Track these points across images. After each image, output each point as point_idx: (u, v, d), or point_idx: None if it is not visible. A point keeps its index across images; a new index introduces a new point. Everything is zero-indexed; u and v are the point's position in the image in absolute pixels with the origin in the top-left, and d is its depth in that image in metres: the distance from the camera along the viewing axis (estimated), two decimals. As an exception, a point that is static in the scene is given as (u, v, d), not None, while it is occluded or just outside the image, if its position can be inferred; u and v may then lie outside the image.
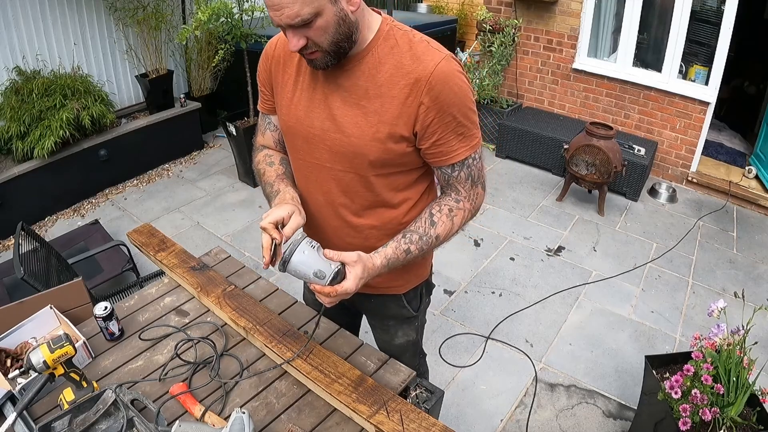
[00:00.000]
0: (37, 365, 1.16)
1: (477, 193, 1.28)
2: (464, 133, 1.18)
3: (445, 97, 1.11)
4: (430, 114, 1.13)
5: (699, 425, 1.68)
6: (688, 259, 3.49)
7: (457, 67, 1.14)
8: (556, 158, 4.48)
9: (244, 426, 1.15)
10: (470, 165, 1.23)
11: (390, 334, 1.62)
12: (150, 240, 1.88)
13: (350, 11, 1.06)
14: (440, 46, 1.16)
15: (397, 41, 1.13)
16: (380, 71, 1.13)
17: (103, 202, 4.19)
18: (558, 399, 2.46)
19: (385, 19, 1.16)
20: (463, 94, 1.14)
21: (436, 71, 1.09)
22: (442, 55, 1.12)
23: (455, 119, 1.14)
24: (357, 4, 1.06)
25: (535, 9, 4.70)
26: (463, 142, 1.19)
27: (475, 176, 1.25)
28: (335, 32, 1.05)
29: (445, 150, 1.19)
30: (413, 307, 1.54)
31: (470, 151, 1.21)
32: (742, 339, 1.76)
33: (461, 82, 1.13)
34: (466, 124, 1.17)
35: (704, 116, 4.15)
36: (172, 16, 4.63)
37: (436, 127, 1.15)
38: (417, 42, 1.13)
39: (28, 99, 3.74)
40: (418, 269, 1.48)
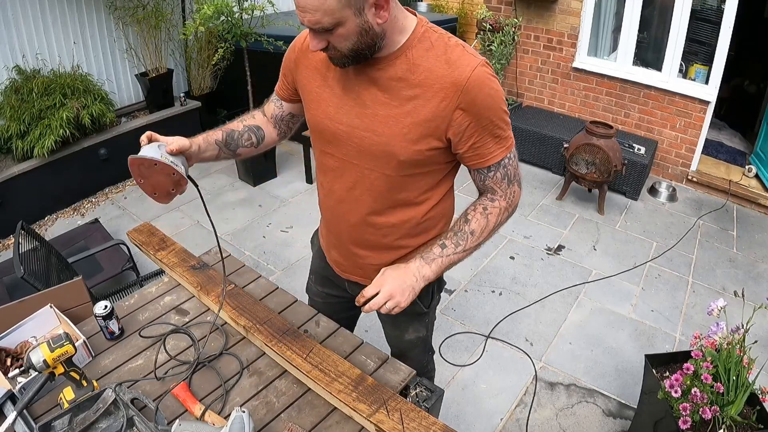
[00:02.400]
0: (37, 364, 1.16)
1: (513, 191, 1.29)
2: (500, 135, 1.20)
3: (482, 101, 1.13)
4: (467, 119, 1.14)
5: (699, 424, 1.68)
6: (688, 258, 3.49)
7: (491, 72, 1.16)
8: (556, 157, 4.48)
9: (244, 425, 1.15)
10: (506, 165, 1.25)
11: (401, 329, 1.62)
12: (150, 239, 1.88)
13: (376, 23, 1.05)
14: (474, 51, 1.17)
15: (433, 44, 1.13)
16: (415, 73, 1.13)
17: (103, 201, 4.19)
18: (558, 398, 2.46)
19: (420, 21, 1.16)
20: (498, 98, 1.16)
21: (472, 77, 1.10)
22: (478, 60, 1.13)
23: (492, 122, 1.17)
24: (385, 18, 1.05)
25: (535, 8, 4.70)
26: (499, 144, 1.21)
27: (512, 175, 1.27)
28: (356, 41, 1.06)
29: (483, 152, 1.21)
30: (425, 303, 1.54)
31: (506, 152, 1.23)
32: (741, 338, 1.76)
33: (496, 86, 1.15)
34: (501, 126, 1.19)
35: (704, 115, 4.15)
36: (171, 15, 4.62)
37: (472, 131, 1.17)
38: (453, 46, 1.14)
39: (27, 98, 3.74)
40: None
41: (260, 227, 3.74)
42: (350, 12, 1.01)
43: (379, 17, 1.05)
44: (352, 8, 1.00)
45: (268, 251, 3.47)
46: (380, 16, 1.05)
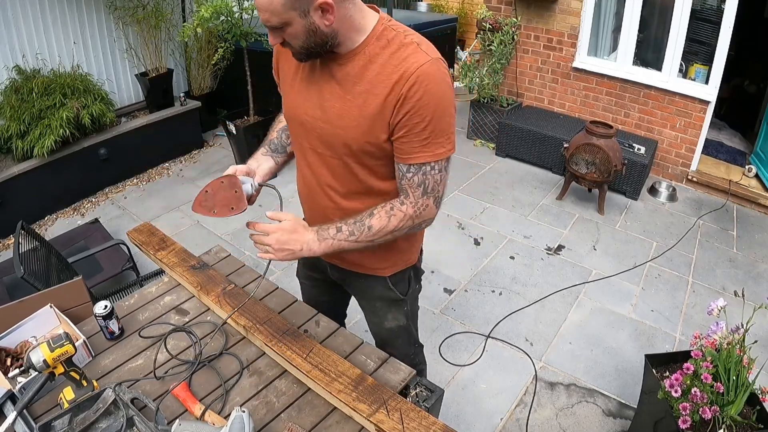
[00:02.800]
0: (37, 364, 1.17)
1: (425, 204, 1.26)
2: (429, 139, 1.19)
3: (419, 97, 1.13)
4: (402, 110, 1.16)
5: (699, 424, 1.68)
6: (688, 258, 3.49)
7: (441, 73, 1.15)
8: (556, 157, 4.48)
9: (244, 425, 1.15)
10: (426, 173, 1.23)
11: (379, 316, 1.65)
12: (150, 239, 1.88)
13: (324, 25, 1.10)
14: (432, 49, 1.18)
15: (389, 42, 1.17)
16: (369, 69, 1.17)
17: (103, 201, 4.19)
18: (558, 398, 2.46)
19: (381, 19, 1.20)
20: (438, 100, 1.15)
21: (417, 71, 1.12)
22: (429, 57, 1.14)
23: (423, 121, 1.16)
24: (331, 21, 1.10)
25: (535, 7, 4.70)
26: (425, 147, 1.20)
27: (428, 186, 1.24)
28: (305, 40, 1.13)
29: (406, 149, 1.21)
30: (400, 290, 1.57)
31: (430, 159, 1.21)
32: (741, 338, 1.76)
33: (440, 88, 1.15)
34: (433, 131, 1.18)
35: (704, 115, 4.15)
36: (171, 15, 4.63)
37: (403, 124, 1.18)
38: (407, 44, 1.16)
39: (27, 98, 3.74)
40: (402, 253, 1.51)
41: (260, 227, 3.73)
42: (295, 14, 1.08)
43: (326, 20, 1.10)
44: (297, 11, 1.07)
45: (268, 251, 3.46)
46: (327, 19, 1.10)
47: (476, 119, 5.13)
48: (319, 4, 1.07)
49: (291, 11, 1.07)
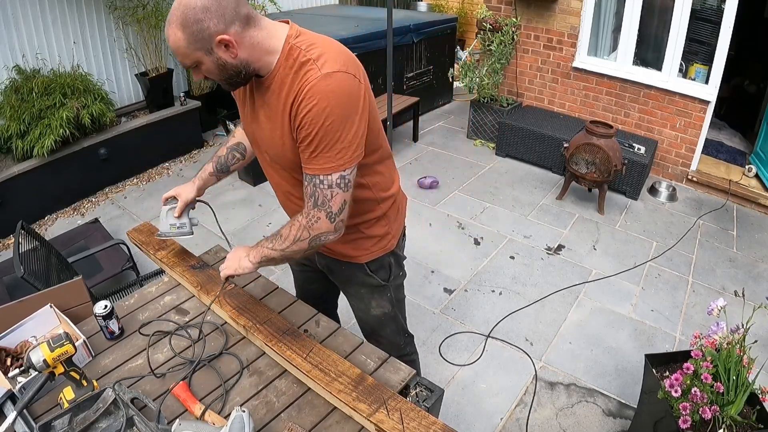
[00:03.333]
0: (37, 364, 1.17)
1: (316, 217, 1.27)
2: (316, 152, 1.20)
3: (305, 113, 1.16)
4: (295, 125, 1.21)
5: (699, 424, 1.68)
6: (688, 258, 3.49)
7: (330, 87, 1.15)
8: (556, 157, 4.48)
9: (244, 425, 1.15)
10: (316, 185, 1.24)
11: (365, 302, 1.68)
12: (150, 239, 1.88)
13: (230, 58, 1.17)
14: (329, 61, 1.18)
15: (294, 61, 1.19)
16: (281, 92, 1.22)
17: (103, 200, 4.19)
18: (558, 397, 2.46)
19: (288, 37, 1.22)
20: (325, 116, 1.16)
21: (307, 88, 1.15)
22: (319, 74, 1.15)
23: (310, 135, 1.18)
24: (235, 54, 1.16)
25: (535, 7, 4.70)
26: (314, 160, 1.21)
27: (318, 199, 1.25)
28: (219, 74, 1.20)
29: (302, 158, 1.25)
30: (381, 276, 1.60)
31: (317, 171, 1.22)
32: (741, 337, 1.76)
33: (329, 103, 1.15)
34: (319, 145, 1.19)
35: (704, 115, 4.15)
36: (171, 15, 4.62)
37: (297, 137, 1.22)
38: (305, 61, 1.18)
39: (27, 98, 3.74)
40: (379, 240, 1.55)
41: (260, 227, 3.73)
42: (201, 53, 1.15)
43: (231, 54, 1.16)
44: (202, 50, 1.14)
45: (268, 251, 3.47)
46: (231, 53, 1.16)
47: (476, 119, 5.13)
48: (219, 41, 1.13)
49: (197, 51, 1.14)
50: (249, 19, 1.17)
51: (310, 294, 1.78)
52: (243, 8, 1.16)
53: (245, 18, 1.16)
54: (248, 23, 1.17)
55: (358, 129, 1.21)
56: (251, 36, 1.17)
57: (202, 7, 1.09)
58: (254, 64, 1.21)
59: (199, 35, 1.12)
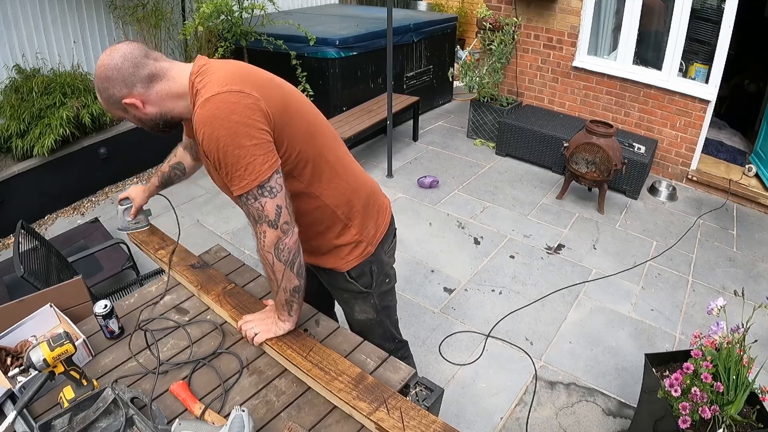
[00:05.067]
0: (37, 363, 1.17)
1: (262, 231, 1.26)
2: (229, 175, 1.21)
3: (202, 142, 1.19)
4: (204, 156, 1.25)
5: (698, 423, 1.68)
6: (688, 257, 3.49)
7: (210, 112, 1.16)
8: (556, 156, 4.48)
9: (243, 424, 1.15)
10: (245, 203, 1.24)
11: (349, 306, 1.69)
12: (150, 238, 1.88)
13: (143, 114, 1.27)
14: (211, 84, 1.20)
15: (195, 96, 1.23)
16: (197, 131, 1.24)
17: (103, 200, 4.19)
18: (558, 397, 2.47)
19: (190, 76, 1.26)
20: (215, 141, 1.17)
21: (195, 120, 1.18)
22: (201, 100, 1.18)
23: (216, 162, 1.20)
24: (144, 111, 1.27)
25: (535, 7, 4.70)
26: (232, 182, 1.22)
27: (254, 215, 1.25)
28: (142, 125, 1.32)
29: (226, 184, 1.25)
30: (362, 283, 1.59)
31: (240, 191, 1.22)
32: (741, 337, 1.76)
33: (213, 128, 1.16)
34: (226, 167, 1.20)
35: (704, 114, 4.15)
36: (171, 14, 4.63)
37: (211, 164, 1.25)
38: (195, 92, 1.23)
39: (27, 97, 3.74)
40: (351, 248, 1.53)
41: (260, 226, 3.73)
42: (120, 112, 1.28)
43: (142, 111, 1.27)
44: (118, 110, 1.27)
45: (268, 250, 3.46)
46: (141, 110, 1.27)
47: (476, 118, 5.13)
48: (125, 104, 1.24)
49: (115, 110, 1.28)
50: (152, 77, 1.25)
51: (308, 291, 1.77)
52: (143, 70, 1.23)
53: (147, 77, 1.24)
54: (151, 81, 1.25)
55: (258, 141, 1.19)
56: (157, 91, 1.26)
57: (104, 78, 1.22)
58: (170, 114, 1.30)
59: (110, 99, 1.25)
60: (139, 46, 1.27)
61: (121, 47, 1.25)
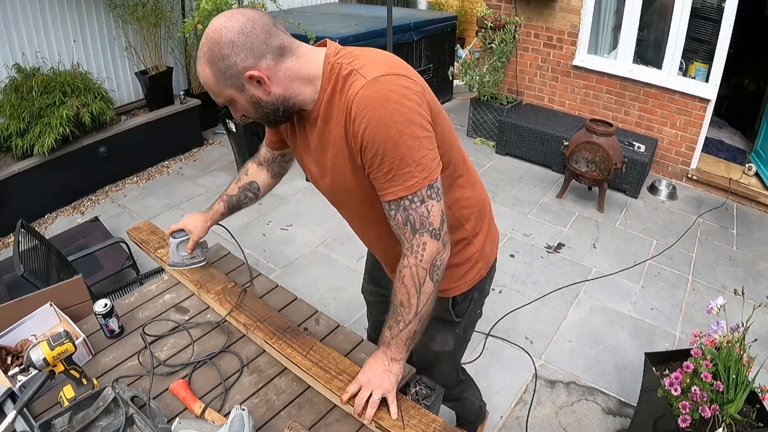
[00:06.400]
0: (37, 362, 1.17)
1: (422, 243, 1.09)
2: (393, 171, 1.04)
3: (362, 130, 1.02)
4: (356, 148, 1.07)
5: (698, 422, 1.68)
6: (688, 257, 3.49)
7: (380, 93, 1.01)
8: (556, 155, 4.48)
9: (243, 423, 1.15)
10: (407, 207, 1.07)
11: (428, 334, 1.41)
12: (150, 237, 1.88)
13: (264, 94, 1.07)
14: (375, 67, 1.05)
15: (336, 79, 1.08)
16: (331, 114, 1.10)
17: (103, 199, 4.19)
18: (558, 396, 2.47)
19: (327, 57, 1.10)
20: (384, 127, 1.01)
21: (354, 102, 1.02)
22: (364, 80, 1.02)
23: (378, 155, 1.03)
24: (269, 91, 1.07)
25: (535, 5, 4.69)
26: (394, 181, 1.06)
27: (416, 222, 1.08)
28: (255, 112, 1.12)
29: (377, 186, 1.10)
30: (457, 311, 1.43)
31: (404, 192, 1.06)
32: (741, 336, 1.76)
33: (383, 113, 1.00)
34: (393, 162, 1.03)
35: (704, 113, 4.14)
36: (171, 13, 4.62)
37: (364, 161, 1.08)
38: (347, 74, 1.06)
39: (27, 96, 3.74)
40: (468, 269, 1.37)
41: (260, 225, 3.73)
42: (233, 90, 1.06)
43: (264, 90, 1.07)
44: (231, 87, 1.06)
45: (268, 249, 3.47)
46: (264, 90, 1.06)
47: (476, 117, 5.12)
48: (248, 77, 1.04)
49: (227, 89, 1.06)
50: (283, 49, 1.06)
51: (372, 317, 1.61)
52: (275, 39, 1.05)
53: (278, 49, 1.05)
54: (282, 54, 1.06)
55: (429, 133, 1.05)
56: (287, 68, 1.07)
57: (228, 42, 1.00)
58: (293, 99, 1.11)
59: (227, 72, 1.03)
60: (262, 12, 1.07)
61: (244, 11, 1.05)
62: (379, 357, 1.23)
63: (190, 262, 1.70)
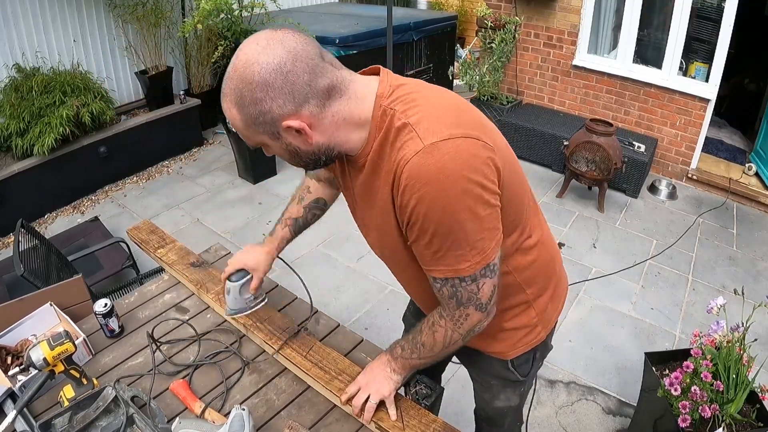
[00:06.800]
0: (37, 362, 1.17)
1: (464, 314, 1.01)
2: (441, 252, 0.91)
3: (412, 207, 0.87)
4: (402, 220, 0.93)
5: (698, 422, 1.68)
6: (687, 256, 3.49)
7: (440, 163, 0.84)
8: (556, 155, 4.48)
9: (243, 423, 1.15)
10: (455, 285, 0.96)
11: (491, 393, 1.41)
12: (150, 237, 1.88)
13: (304, 144, 0.91)
14: (434, 126, 0.87)
15: (388, 129, 0.91)
16: (380, 169, 0.95)
17: (103, 199, 4.19)
18: (558, 395, 2.47)
19: (379, 98, 0.92)
20: (435, 207, 0.86)
21: (405, 171, 0.86)
22: (420, 144, 0.85)
23: (426, 234, 0.90)
24: (309, 142, 0.90)
25: (535, 5, 4.69)
26: (441, 261, 0.93)
27: (463, 298, 0.98)
28: (291, 159, 0.96)
29: (422, 260, 0.98)
30: (521, 372, 1.33)
31: (451, 275, 0.94)
32: (741, 336, 1.76)
33: (438, 188, 0.84)
34: (443, 244, 0.90)
35: (704, 113, 4.14)
36: (171, 13, 4.62)
37: (409, 233, 0.95)
38: (401, 127, 0.89)
39: (27, 96, 3.73)
40: (526, 333, 1.26)
41: (260, 225, 3.73)
42: (265, 137, 0.90)
43: (304, 141, 0.90)
44: (265, 134, 0.89)
45: (268, 249, 3.46)
46: (304, 140, 0.90)
47: (476, 117, 5.12)
48: (287, 127, 0.87)
49: (258, 135, 0.90)
50: (331, 91, 0.87)
51: None
52: (321, 79, 0.86)
53: (325, 91, 0.87)
54: (330, 97, 0.88)
55: (492, 210, 0.90)
56: (334, 113, 0.89)
57: (261, 84, 0.82)
58: (339, 148, 0.94)
59: (260, 119, 0.85)
60: (306, 38, 0.86)
61: (284, 38, 0.84)
62: (383, 363, 1.22)
63: (255, 304, 1.50)
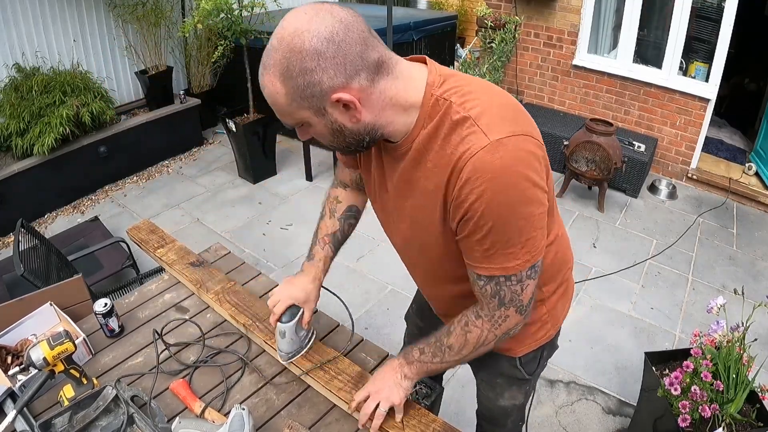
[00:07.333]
0: (37, 362, 1.17)
1: (504, 315, 1.01)
2: (493, 250, 0.91)
3: (472, 202, 0.86)
4: (457, 215, 0.91)
5: (698, 422, 1.68)
6: (687, 256, 3.49)
7: (505, 162, 0.83)
8: (556, 154, 4.47)
9: (243, 422, 1.15)
10: (500, 284, 0.96)
11: (496, 392, 1.42)
12: (150, 236, 1.88)
13: (349, 122, 0.87)
14: (498, 121, 0.86)
15: (441, 119, 0.89)
16: (426, 160, 0.93)
17: (103, 198, 4.19)
18: (558, 395, 2.47)
19: (429, 86, 0.90)
20: (499, 205, 0.85)
21: (469, 165, 0.84)
22: (485, 140, 0.83)
23: (481, 230, 0.89)
24: (357, 119, 0.87)
25: (535, 5, 4.69)
26: (492, 259, 0.93)
27: (506, 297, 0.97)
28: (333, 139, 0.92)
29: (468, 255, 0.97)
30: (528, 369, 1.34)
31: (499, 272, 0.94)
32: (741, 336, 1.76)
33: (502, 185, 0.84)
34: (497, 242, 0.89)
35: (704, 113, 4.14)
36: (171, 13, 4.62)
37: (460, 228, 0.93)
38: (460, 120, 0.87)
39: (27, 96, 3.73)
40: (535, 330, 1.26)
41: (260, 225, 3.73)
42: (309, 113, 0.86)
43: (351, 117, 0.86)
44: (309, 109, 0.85)
45: (268, 249, 3.47)
46: (352, 116, 0.86)
47: (476, 117, 5.11)
48: (335, 101, 0.83)
49: (302, 110, 0.85)
50: (380, 66, 0.84)
51: None
52: (372, 52, 0.83)
53: (375, 65, 0.84)
54: (379, 72, 0.85)
55: (544, 208, 0.91)
56: (382, 90, 0.86)
57: (313, 52, 0.78)
58: (383, 129, 0.91)
59: (307, 91, 0.81)
60: (355, 11, 0.83)
61: (333, 8, 0.81)
62: (394, 368, 1.18)
63: (308, 340, 1.40)
